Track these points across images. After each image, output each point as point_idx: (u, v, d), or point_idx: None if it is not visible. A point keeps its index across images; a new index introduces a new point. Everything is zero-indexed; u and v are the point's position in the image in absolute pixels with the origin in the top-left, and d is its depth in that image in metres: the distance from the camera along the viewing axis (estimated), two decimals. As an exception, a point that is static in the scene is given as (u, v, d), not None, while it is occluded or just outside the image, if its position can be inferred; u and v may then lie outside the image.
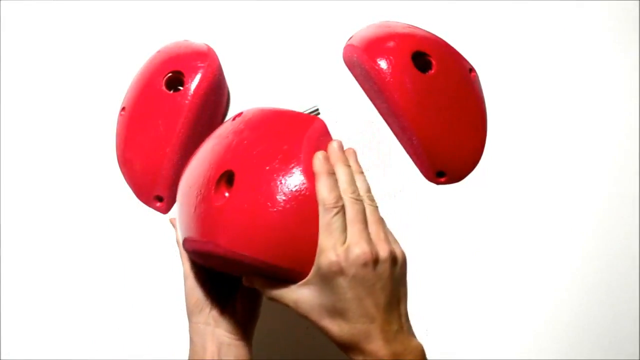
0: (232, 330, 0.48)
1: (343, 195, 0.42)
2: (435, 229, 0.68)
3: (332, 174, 0.42)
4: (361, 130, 0.71)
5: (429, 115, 0.67)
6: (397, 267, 0.42)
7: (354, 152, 0.47)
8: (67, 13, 0.77)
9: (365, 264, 0.39)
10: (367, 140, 0.71)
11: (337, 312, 0.39)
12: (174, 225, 0.53)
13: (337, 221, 0.40)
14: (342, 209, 0.41)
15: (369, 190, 0.44)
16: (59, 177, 0.70)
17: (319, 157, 0.43)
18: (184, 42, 0.72)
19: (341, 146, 0.46)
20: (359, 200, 0.42)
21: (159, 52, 0.71)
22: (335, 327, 0.39)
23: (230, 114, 0.73)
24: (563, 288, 0.67)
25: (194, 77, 0.65)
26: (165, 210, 0.67)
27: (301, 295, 0.41)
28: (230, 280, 0.50)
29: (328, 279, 0.39)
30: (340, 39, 0.73)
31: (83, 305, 0.65)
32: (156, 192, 0.66)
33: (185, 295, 0.50)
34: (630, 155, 0.72)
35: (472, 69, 0.73)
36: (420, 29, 0.72)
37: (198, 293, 0.49)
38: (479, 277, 0.67)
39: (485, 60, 0.74)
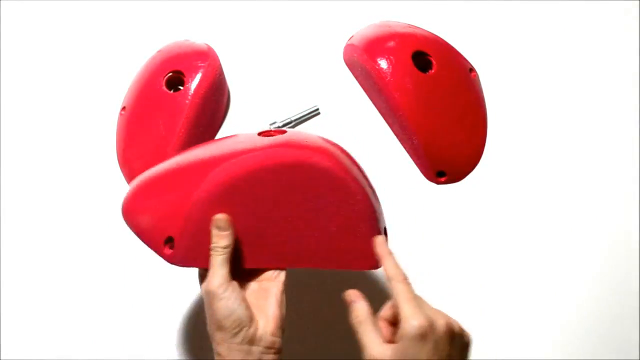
0: (269, 344, 0.45)
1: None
2: (435, 229, 0.68)
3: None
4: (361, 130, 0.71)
5: (429, 115, 0.67)
6: None
7: None
8: (67, 13, 0.77)
9: (446, 334, 0.42)
10: (367, 140, 0.71)
11: None
12: (220, 221, 0.46)
13: (412, 291, 0.44)
14: None
15: None
16: (59, 177, 0.70)
17: (381, 240, 0.48)
18: (185, 41, 0.72)
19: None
20: None
21: (159, 51, 0.71)
22: None
23: (230, 114, 0.73)
24: (563, 288, 0.67)
25: (195, 77, 0.65)
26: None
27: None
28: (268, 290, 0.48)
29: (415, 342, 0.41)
30: (340, 39, 0.74)
31: (83, 305, 0.65)
32: (156, 192, 0.66)
33: (218, 316, 0.44)
34: (630, 155, 0.72)
35: (472, 69, 0.73)
36: (421, 28, 0.72)
37: (238, 313, 0.44)
38: (479, 277, 0.67)
39: (485, 60, 0.74)
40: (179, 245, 0.48)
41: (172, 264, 0.49)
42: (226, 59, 0.71)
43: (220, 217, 0.46)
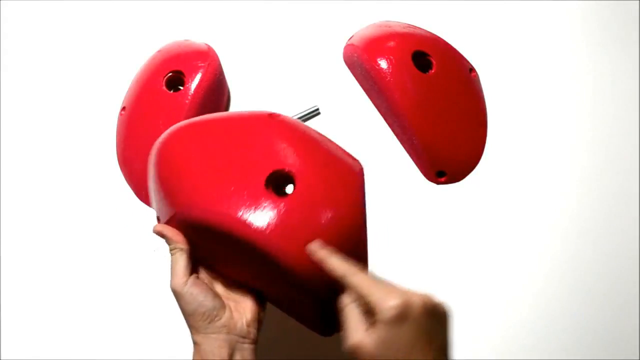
0: (245, 331, 0.46)
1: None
2: (435, 229, 0.68)
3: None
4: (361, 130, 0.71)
5: (429, 115, 0.67)
6: None
7: None
8: (67, 13, 0.77)
9: None
10: (367, 140, 0.71)
11: None
12: (164, 235, 0.47)
13: (373, 276, 0.42)
14: None
15: None
16: (59, 177, 0.70)
17: (315, 246, 0.44)
18: (185, 41, 0.72)
19: None
20: None
21: (159, 51, 0.71)
22: None
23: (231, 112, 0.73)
24: (564, 288, 0.67)
25: (195, 77, 0.65)
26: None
27: None
28: (238, 283, 0.49)
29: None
30: (340, 39, 0.74)
31: (83, 305, 0.65)
32: (156, 192, 0.66)
33: (187, 311, 0.46)
34: (630, 155, 0.72)
35: (472, 69, 0.73)
36: (421, 29, 0.72)
37: (206, 305, 0.45)
38: (479, 277, 0.67)
39: (485, 60, 0.74)
40: None
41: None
42: (226, 59, 0.71)
43: (161, 231, 0.47)
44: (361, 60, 0.68)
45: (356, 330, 0.40)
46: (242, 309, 0.47)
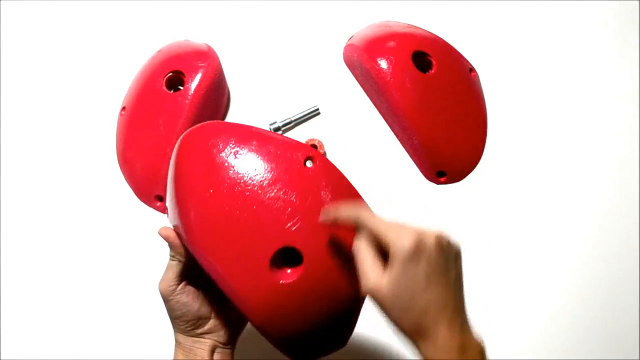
0: (225, 339, 0.48)
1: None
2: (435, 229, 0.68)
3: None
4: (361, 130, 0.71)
5: (429, 115, 0.67)
6: None
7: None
8: (67, 13, 0.77)
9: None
10: (367, 140, 0.71)
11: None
12: (167, 241, 0.47)
13: (385, 217, 0.42)
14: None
15: None
16: (59, 177, 0.70)
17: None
18: (185, 41, 0.72)
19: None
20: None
21: (159, 51, 0.71)
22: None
23: (230, 114, 0.73)
24: (563, 288, 0.67)
25: (194, 77, 0.65)
26: (165, 209, 0.67)
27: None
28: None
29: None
30: (340, 39, 0.74)
31: (83, 305, 0.65)
32: (156, 191, 0.66)
33: (170, 314, 0.47)
34: (630, 155, 0.72)
35: (472, 69, 0.73)
36: (421, 29, 0.72)
37: (192, 313, 0.46)
38: (479, 278, 0.66)
39: (485, 60, 0.74)
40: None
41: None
42: (226, 59, 0.71)
43: (166, 236, 0.47)
44: (361, 60, 0.68)
45: (372, 273, 0.39)
46: (227, 320, 0.48)
